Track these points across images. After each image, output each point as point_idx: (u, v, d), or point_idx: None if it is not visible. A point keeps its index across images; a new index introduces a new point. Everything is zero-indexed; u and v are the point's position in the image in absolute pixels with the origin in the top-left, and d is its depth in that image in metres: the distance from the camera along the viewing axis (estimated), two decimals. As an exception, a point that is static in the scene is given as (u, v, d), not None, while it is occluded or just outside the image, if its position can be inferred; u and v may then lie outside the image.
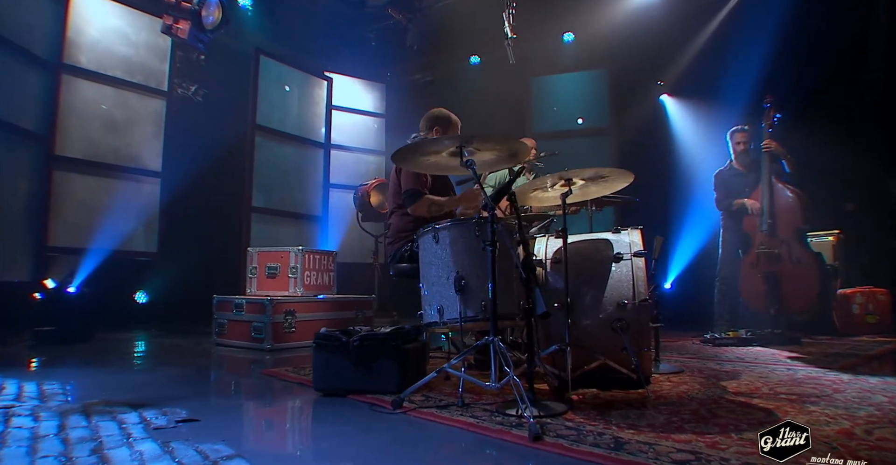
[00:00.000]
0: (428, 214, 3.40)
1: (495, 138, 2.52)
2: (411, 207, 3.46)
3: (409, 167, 2.69)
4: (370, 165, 9.21)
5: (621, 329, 2.78)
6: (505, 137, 2.52)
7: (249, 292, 5.43)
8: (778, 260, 4.88)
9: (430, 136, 3.66)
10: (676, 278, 7.27)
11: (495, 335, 2.41)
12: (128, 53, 6.79)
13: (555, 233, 3.19)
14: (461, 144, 2.51)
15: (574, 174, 2.85)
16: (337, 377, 2.87)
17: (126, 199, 6.70)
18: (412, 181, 3.43)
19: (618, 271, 2.89)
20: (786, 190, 5.00)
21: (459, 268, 2.73)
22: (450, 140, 2.50)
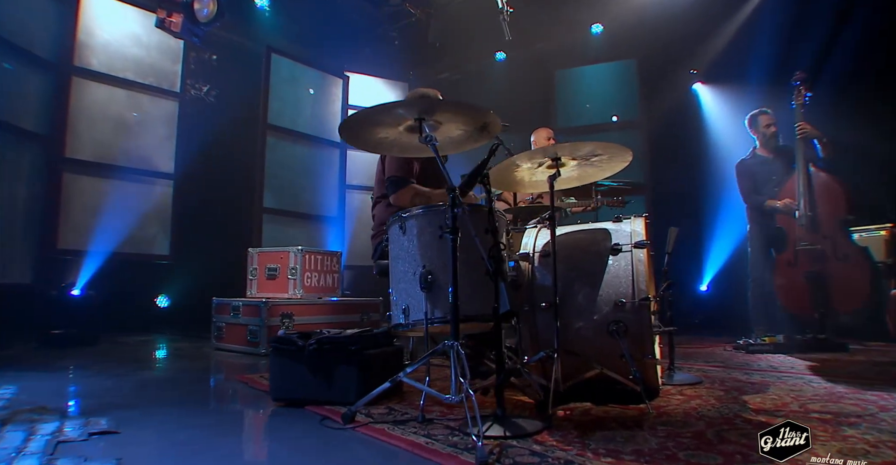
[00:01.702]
0: (412, 205, 3.04)
1: (460, 108, 2.16)
2: (394, 196, 3.12)
3: (361, 146, 2.35)
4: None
5: (618, 333, 2.37)
6: (471, 106, 2.16)
7: (250, 294, 5.20)
8: (822, 258, 4.31)
9: None
10: (713, 279, 6.73)
11: (457, 339, 2.05)
12: (139, 55, 6.70)
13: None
14: (419, 115, 2.16)
15: (563, 151, 2.46)
16: (294, 386, 2.56)
17: (138, 201, 6.60)
18: (396, 167, 3.10)
19: (615, 266, 2.48)
20: (825, 178, 4.42)
21: (427, 262, 2.38)
22: (405, 109, 2.14)
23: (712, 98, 6.81)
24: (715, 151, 6.46)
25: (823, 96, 4.82)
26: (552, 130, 5.28)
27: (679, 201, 6.89)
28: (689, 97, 6.98)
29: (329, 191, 8.14)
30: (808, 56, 5.54)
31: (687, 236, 6.85)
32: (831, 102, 5.03)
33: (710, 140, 6.57)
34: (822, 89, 4.85)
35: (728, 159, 6.04)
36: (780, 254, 4.56)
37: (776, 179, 4.68)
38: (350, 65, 8.60)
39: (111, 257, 6.21)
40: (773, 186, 4.68)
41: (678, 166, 6.85)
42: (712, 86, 6.83)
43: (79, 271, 5.96)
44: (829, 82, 5.15)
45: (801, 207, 4.39)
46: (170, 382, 3.40)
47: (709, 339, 5.28)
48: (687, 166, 6.72)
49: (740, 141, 5.46)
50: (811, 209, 4.36)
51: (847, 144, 4.68)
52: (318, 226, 7.89)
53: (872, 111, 5.13)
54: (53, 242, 5.90)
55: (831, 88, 5.14)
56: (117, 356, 4.56)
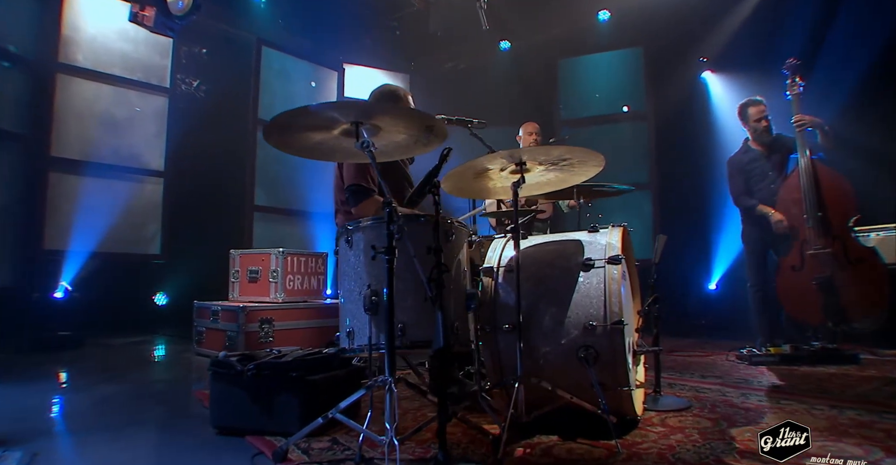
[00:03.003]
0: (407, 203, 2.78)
1: (398, 112, 1.91)
2: (356, 209, 2.87)
3: (295, 152, 2.11)
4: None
5: (588, 360, 2.12)
6: (413, 112, 1.91)
7: (232, 298, 5.03)
8: (832, 261, 3.97)
9: None
10: (722, 278, 6.41)
11: (393, 374, 1.81)
12: (127, 49, 6.50)
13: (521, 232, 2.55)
14: (355, 118, 1.91)
15: (528, 156, 2.19)
16: (234, 413, 2.35)
17: (128, 200, 6.45)
18: (355, 175, 2.85)
19: (586, 284, 2.21)
20: (830, 174, 4.05)
21: (373, 281, 2.13)
22: (339, 112, 1.89)
23: (722, 87, 6.44)
24: (724, 143, 6.09)
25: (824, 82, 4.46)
26: (538, 126, 4.99)
27: (687, 196, 6.58)
28: (697, 87, 6.63)
29: (324, 187, 7.91)
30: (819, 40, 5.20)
31: (695, 232, 6.57)
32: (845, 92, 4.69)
33: (719, 132, 6.21)
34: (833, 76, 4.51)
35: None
36: (783, 257, 4.23)
37: (772, 176, 4.34)
38: (348, 56, 8.35)
39: (100, 258, 6.08)
40: (769, 182, 4.33)
41: (686, 159, 6.51)
42: (722, 74, 6.47)
43: (66, 272, 5.84)
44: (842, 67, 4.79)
45: (807, 207, 4.03)
46: (125, 398, 3.21)
47: (714, 343, 5.00)
48: (695, 159, 6.38)
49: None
50: (821, 208, 4.01)
51: (849, 137, 4.32)
52: (313, 223, 7.68)
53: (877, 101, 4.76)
54: (39, 242, 5.77)
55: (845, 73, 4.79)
56: (92, 363, 4.42)
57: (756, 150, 4.49)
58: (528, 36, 7.93)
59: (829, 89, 4.94)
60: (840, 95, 5.00)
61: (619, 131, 7.27)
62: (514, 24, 7.91)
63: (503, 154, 2.17)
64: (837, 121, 4.39)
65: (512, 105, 7.58)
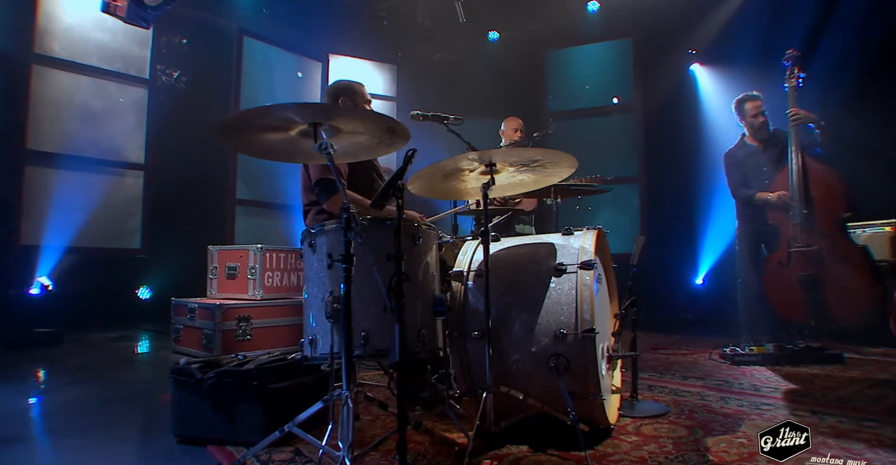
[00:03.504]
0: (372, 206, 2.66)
1: (359, 115, 1.82)
2: (326, 203, 2.78)
3: (252, 153, 2.02)
4: (380, 152, 8.57)
5: (558, 369, 2.04)
6: (372, 115, 1.82)
7: (210, 295, 4.94)
8: (819, 260, 3.92)
9: None
10: (709, 272, 6.36)
11: (350, 387, 1.73)
12: (105, 40, 6.37)
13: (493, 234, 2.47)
14: (313, 119, 1.82)
15: (498, 157, 2.11)
16: (195, 422, 2.27)
17: (107, 193, 6.34)
18: (322, 170, 2.76)
19: (557, 290, 2.14)
20: (822, 170, 3.99)
21: (335, 287, 2.05)
22: (296, 113, 1.80)
23: (710, 80, 6.37)
24: (712, 137, 6.04)
25: (820, 78, 4.39)
26: (521, 121, 4.90)
27: (674, 190, 6.51)
28: (686, 79, 6.54)
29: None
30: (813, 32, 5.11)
31: (683, 227, 6.51)
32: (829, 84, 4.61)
33: (708, 126, 6.14)
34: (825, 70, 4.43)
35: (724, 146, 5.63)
36: (772, 253, 4.17)
37: (767, 171, 4.27)
38: (334, 46, 8.22)
39: (79, 253, 5.99)
40: (764, 178, 4.27)
41: (674, 153, 6.44)
42: (711, 67, 6.39)
43: (43, 267, 5.74)
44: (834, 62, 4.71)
45: (797, 203, 3.98)
46: (92, 401, 3.13)
47: (699, 340, 4.95)
48: (683, 153, 6.31)
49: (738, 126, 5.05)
50: (808, 206, 3.95)
51: (845, 131, 4.25)
52: (296, 217, 7.57)
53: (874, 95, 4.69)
54: (16, 238, 5.66)
55: (837, 68, 4.71)
56: (67, 362, 4.33)
57: (752, 145, 4.45)
58: (516, 27, 7.82)
59: (824, 83, 4.87)
60: (832, 89, 4.93)
61: (607, 124, 7.19)
62: (499, 16, 7.80)
63: (472, 155, 2.08)
64: (830, 116, 4.32)
65: (500, 97, 7.48)
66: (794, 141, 4.02)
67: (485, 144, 4.95)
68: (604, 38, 7.21)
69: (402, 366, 1.60)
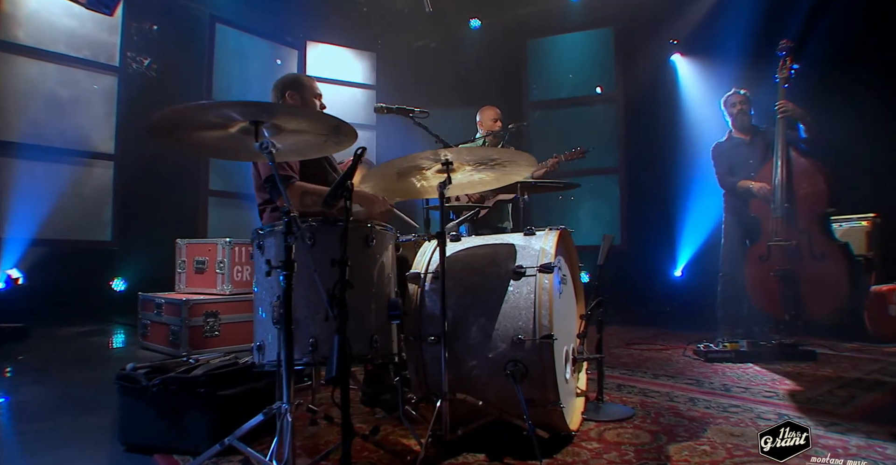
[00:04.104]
0: (302, 206, 2.56)
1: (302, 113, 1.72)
2: (280, 199, 2.65)
3: (192, 150, 1.92)
4: (359, 141, 8.42)
5: (515, 376, 1.97)
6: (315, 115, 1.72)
7: (178, 290, 4.82)
8: (796, 255, 3.87)
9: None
10: (688, 264, 6.33)
11: (289, 400, 1.65)
12: (72, 26, 6.18)
13: (453, 234, 2.39)
14: (254, 118, 1.72)
15: (454, 156, 2.02)
16: (142, 430, 2.18)
17: (76, 184, 6.19)
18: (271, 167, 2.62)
19: (516, 293, 2.06)
20: (806, 165, 3.94)
21: (282, 291, 1.96)
22: (237, 110, 1.69)
23: (690, 71, 6.29)
24: (692, 128, 5.99)
25: (810, 72, 4.32)
26: (499, 111, 4.79)
27: (654, 181, 6.46)
28: (667, 70, 6.47)
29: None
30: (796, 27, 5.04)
31: (662, 219, 6.47)
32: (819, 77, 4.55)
33: (687, 117, 6.08)
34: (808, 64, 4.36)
35: (704, 138, 5.60)
36: (753, 245, 4.13)
37: (753, 163, 4.22)
38: (311, 33, 8.05)
39: (48, 245, 5.87)
40: (749, 170, 4.22)
41: (654, 144, 6.38)
42: (691, 58, 6.32)
43: (8, 260, 5.59)
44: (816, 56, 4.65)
45: (777, 197, 3.93)
46: (46, 403, 3.03)
47: (676, 334, 4.93)
48: (662, 144, 6.26)
49: (717, 118, 4.99)
50: (788, 200, 3.90)
51: (829, 126, 4.19)
52: (273, 209, 7.46)
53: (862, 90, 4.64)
54: (-20, 231, 5.51)
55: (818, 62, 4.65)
56: (31, 359, 4.21)
57: (738, 138, 4.42)
58: (498, 15, 7.69)
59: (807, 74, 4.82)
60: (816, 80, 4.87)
61: (587, 114, 7.11)
62: (481, 3, 7.67)
63: (427, 154, 1.99)
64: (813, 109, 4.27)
65: (481, 86, 7.37)
66: (781, 134, 3.97)
67: (465, 134, 4.87)
68: (585, 26, 7.11)
69: (341, 381, 1.51)
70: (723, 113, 4.49)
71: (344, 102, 8.34)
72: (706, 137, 5.35)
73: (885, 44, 4.93)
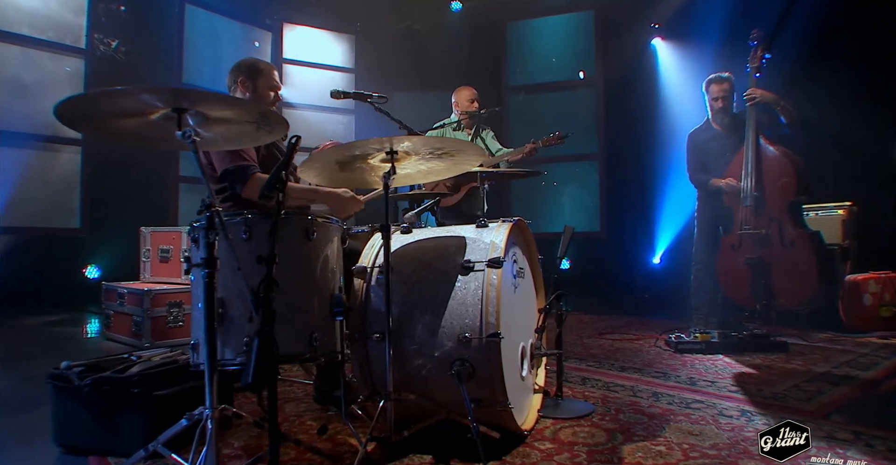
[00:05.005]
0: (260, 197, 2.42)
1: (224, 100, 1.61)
2: (243, 190, 2.52)
3: (99, 136, 1.80)
4: (338, 126, 8.30)
5: (460, 375, 1.89)
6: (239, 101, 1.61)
7: (144, 279, 4.71)
8: (766, 243, 3.82)
9: (238, 94, 2.73)
10: (665, 252, 6.28)
11: (213, 405, 1.55)
12: (35, 6, 5.96)
13: (403, 225, 2.30)
14: (177, 105, 1.60)
15: (399, 144, 1.91)
16: (77, 431, 2.09)
17: (41, 170, 6.02)
18: (230, 156, 2.50)
19: (463, 289, 1.97)
20: (776, 152, 3.86)
21: (218, 288, 1.86)
22: (158, 97, 1.57)
23: (671, 56, 6.17)
24: (671, 114, 5.90)
25: (784, 59, 4.23)
26: (475, 91, 4.67)
27: (633, 167, 6.39)
28: (647, 54, 6.35)
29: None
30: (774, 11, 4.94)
31: (641, 205, 6.40)
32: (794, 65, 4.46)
33: (667, 102, 5.98)
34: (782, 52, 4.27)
35: (683, 123, 5.49)
36: (726, 235, 4.07)
37: (730, 156, 4.12)
38: (287, 15, 7.84)
39: (13, 233, 5.72)
40: (725, 162, 4.13)
41: (633, 129, 6.29)
42: (672, 42, 6.20)
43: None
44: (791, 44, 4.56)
45: (747, 185, 3.86)
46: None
47: (651, 322, 4.90)
48: (642, 129, 6.17)
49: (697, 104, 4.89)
50: (758, 189, 3.83)
51: (804, 114, 4.11)
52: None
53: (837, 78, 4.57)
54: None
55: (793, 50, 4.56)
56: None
57: (716, 129, 4.29)
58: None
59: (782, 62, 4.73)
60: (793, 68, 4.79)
61: (567, 99, 7.00)
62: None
63: (371, 143, 1.88)
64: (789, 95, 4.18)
65: (460, 70, 7.23)
66: (752, 122, 3.89)
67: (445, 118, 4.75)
68: (566, 9, 6.97)
69: (256, 388, 1.42)
70: (703, 97, 4.35)
71: (322, 85, 8.14)
72: (686, 123, 5.24)
73: (860, 30, 4.84)
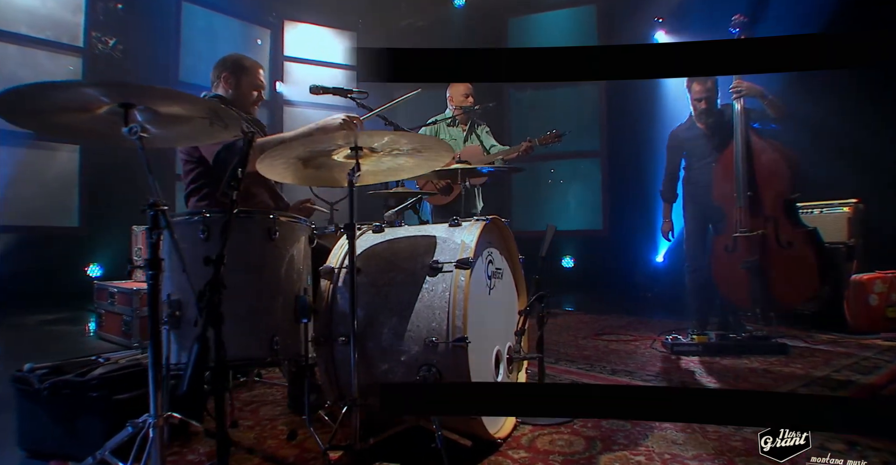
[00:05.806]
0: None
1: (175, 97, 1.54)
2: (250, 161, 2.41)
3: (46, 132, 1.75)
4: (340, 124, 8.23)
5: (426, 381, 1.81)
6: (189, 97, 1.54)
7: (136, 278, 4.68)
8: (762, 245, 3.68)
9: (220, 90, 2.68)
10: (668, 251, 6.16)
11: (158, 411, 1.49)
12: (33, 5, 5.95)
13: (375, 225, 2.23)
14: (125, 100, 1.54)
15: (366, 141, 1.83)
16: (38, 435, 2.05)
17: (40, 169, 6.01)
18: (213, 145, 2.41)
19: (430, 291, 1.89)
20: (768, 149, 3.70)
21: (175, 289, 1.81)
22: (102, 91, 1.51)
23: (673, 50, 6.03)
24: (674, 110, 5.74)
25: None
26: (470, 86, 4.59)
27: (635, 164, 6.27)
28: (650, 48, 6.21)
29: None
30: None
31: (644, 203, 6.27)
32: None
33: (668, 99, 5.86)
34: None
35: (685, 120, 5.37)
36: (719, 236, 3.93)
37: (714, 156, 3.95)
38: (287, 12, 7.80)
39: (12, 231, 5.72)
40: (709, 162, 3.98)
41: (635, 126, 6.18)
42: (675, 36, 6.06)
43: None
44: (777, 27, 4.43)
45: (739, 186, 3.71)
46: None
47: (652, 322, 4.81)
48: (644, 126, 6.05)
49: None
50: (751, 188, 3.69)
51: (795, 108, 3.97)
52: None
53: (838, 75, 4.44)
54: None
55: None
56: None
57: (699, 128, 4.10)
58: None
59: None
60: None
61: (569, 96, 6.89)
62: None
63: (334, 139, 1.81)
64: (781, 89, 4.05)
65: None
66: (741, 117, 3.74)
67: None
68: (567, 4, 6.86)
69: (192, 400, 1.36)
70: (686, 96, 4.18)
71: (323, 83, 8.04)
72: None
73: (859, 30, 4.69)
